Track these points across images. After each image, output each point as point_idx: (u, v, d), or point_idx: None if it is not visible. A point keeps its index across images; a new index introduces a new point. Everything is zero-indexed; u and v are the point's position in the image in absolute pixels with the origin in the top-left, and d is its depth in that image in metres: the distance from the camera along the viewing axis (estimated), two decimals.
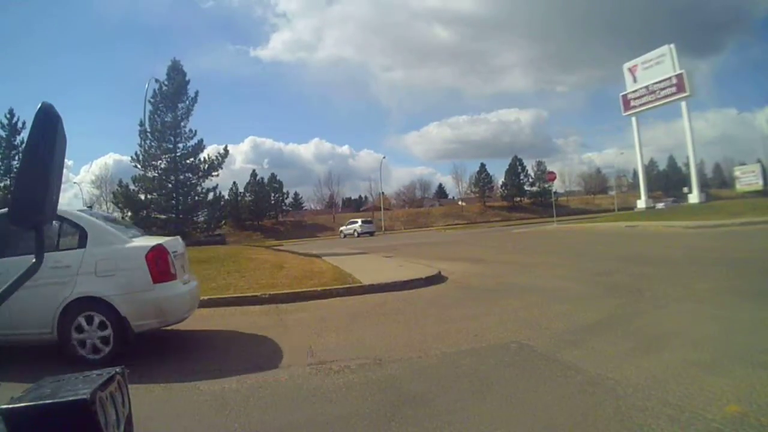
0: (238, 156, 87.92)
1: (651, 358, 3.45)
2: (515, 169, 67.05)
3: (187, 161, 27.10)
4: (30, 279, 0.78)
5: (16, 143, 36.34)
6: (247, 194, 61.54)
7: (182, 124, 27.11)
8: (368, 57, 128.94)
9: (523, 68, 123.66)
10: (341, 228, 45.86)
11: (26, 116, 36.31)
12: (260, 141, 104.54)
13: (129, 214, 26.07)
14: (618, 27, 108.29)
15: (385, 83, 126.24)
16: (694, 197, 36.28)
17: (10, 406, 0.66)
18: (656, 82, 36.84)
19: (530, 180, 67.04)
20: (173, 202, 26.56)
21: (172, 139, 27.01)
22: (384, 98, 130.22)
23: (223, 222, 34.61)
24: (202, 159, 27.29)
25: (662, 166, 77.02)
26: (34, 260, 0.79)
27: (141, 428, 0.94)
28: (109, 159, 79.73)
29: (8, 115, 37.18)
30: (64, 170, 0.86)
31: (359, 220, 44.48)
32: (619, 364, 3.35)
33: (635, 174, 55.42)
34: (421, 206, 72.09)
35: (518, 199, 67.03)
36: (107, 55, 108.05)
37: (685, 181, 43.91)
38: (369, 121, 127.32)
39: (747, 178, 54.29)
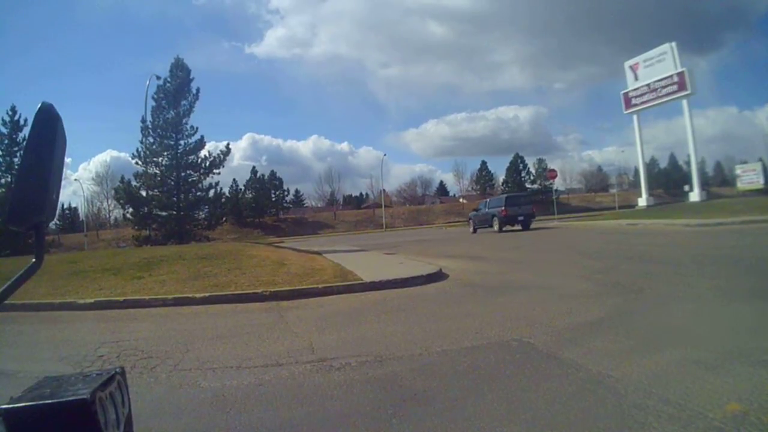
0: (236, 153, 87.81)
1: (652, 357, 3.45)
2: (516, 166, 66.95)
3: (189, 158, 27.07)
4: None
5: (18, 140, 36.34)
6: (248, 191, 61.52)
7: (184, 120, 27.09)
8: (364, 53, 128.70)
9: (521, 65, 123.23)
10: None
11: (21, 112, 36.32)
12: (258, 138, 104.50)
13: (130, 210, 26.08)
14: (617, 24, 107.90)
15: (382, 80, 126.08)
16: (695, 195, 36.30)
17: (10, 405, 0.66)
18: (658, 80, 36.80)
19: (531, 177, 66.94)
20: (174, 199, 26.54)
21: (173, 135, 26.95)
22: (381, 95, 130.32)
23: (224, 219, 34.57)
24: (203, 156, 27.32)
25: (663, 164, 76.97)
26: (33, 260, 0.79)
27: (142, 426, 0.94)
28: (107, 156, 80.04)
29: (10, 112, 37.19)
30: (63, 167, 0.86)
31: None
32: (620, 362, 3.35)
33: (636, 172, 55.39)
34: (422, 204, 72.03)
35: None
36: (97, 51, 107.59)
37: (686, 179, 43.87)
38: (367, 118, 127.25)
39: (748, 177, 54.00)
